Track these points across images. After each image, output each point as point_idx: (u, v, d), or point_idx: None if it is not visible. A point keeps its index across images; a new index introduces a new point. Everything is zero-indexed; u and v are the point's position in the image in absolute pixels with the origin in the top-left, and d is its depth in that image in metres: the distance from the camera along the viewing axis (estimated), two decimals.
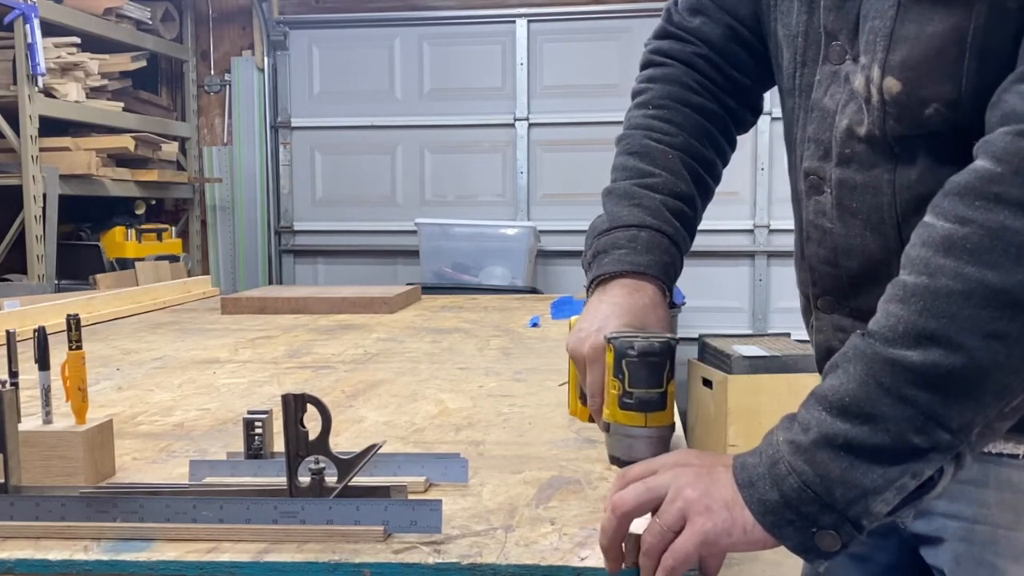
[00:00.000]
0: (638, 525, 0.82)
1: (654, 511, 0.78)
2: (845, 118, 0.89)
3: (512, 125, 5.23)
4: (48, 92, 4.09)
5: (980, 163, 0.70)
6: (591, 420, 1.03)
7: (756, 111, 1.23)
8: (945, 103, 0.80)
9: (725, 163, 1.22)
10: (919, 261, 0.72)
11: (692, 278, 4.52)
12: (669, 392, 0.91)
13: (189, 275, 4.70)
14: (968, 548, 0.92)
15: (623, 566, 0.80)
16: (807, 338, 1.09)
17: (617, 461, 0.95)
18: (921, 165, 0.84)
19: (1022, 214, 0.67)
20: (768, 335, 4.92)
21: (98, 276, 4.27)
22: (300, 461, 0.96)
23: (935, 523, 0.96)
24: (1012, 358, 0.68)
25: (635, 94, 1.24)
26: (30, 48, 3.84)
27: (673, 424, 0.94)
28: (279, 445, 1.02)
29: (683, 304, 4.79)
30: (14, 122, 3.94)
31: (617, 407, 0.92)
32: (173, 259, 4.89)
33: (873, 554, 1.10)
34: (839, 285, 0.97)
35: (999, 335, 0.68)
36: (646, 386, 0.90)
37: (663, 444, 0.92)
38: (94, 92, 4.50)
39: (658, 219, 1.08)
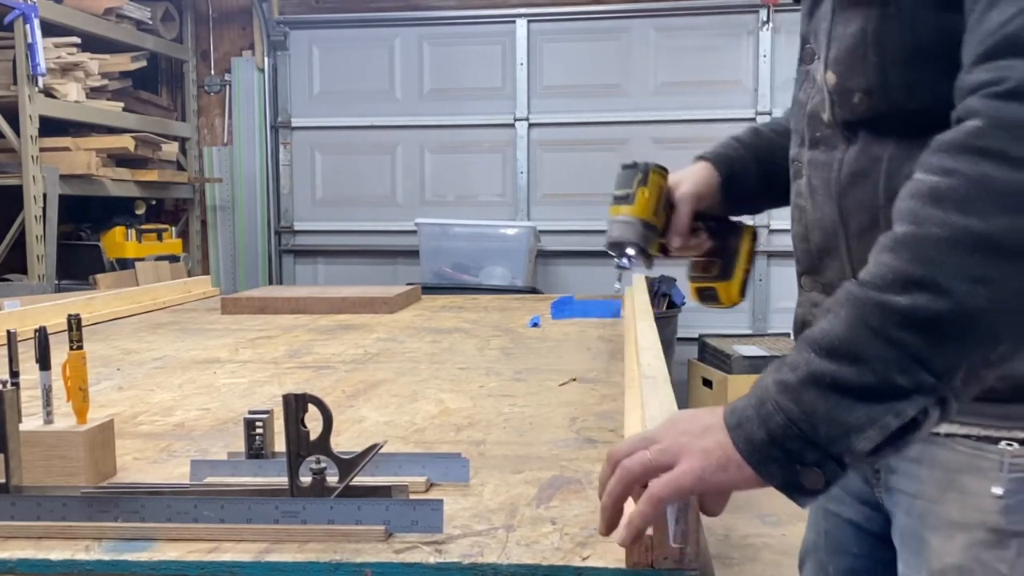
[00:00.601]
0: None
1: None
2: (813, 107, 1.03)
3: (512, 125, 5.23)
4: (48, 92, 4.10)
5: (966, 123, 0.75)
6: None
7: None
8: (863, 92, 0.94)
9: None
10: (907, 212, 0.76)
11: None
12: (638, 193, 1.21)
13: (189, 275, 4.71)
14: (908, 522, 1.00)
15: (617, 541, 0.82)
16: None
17: (609, 245, 1.24)
18: (858, 145, 0.97)
19: (1004, 165, 0.71)
20: (768, 335, 4.92)
21: (98, 276, 4.27)
22: (301, 461, 0.96)
23: (893, 498, 1.03)
24: (996, 303, 0.71)
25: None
26: (30, 48, 3.84)
27: (641, 218, 1.21)
28: (280, 445, 1.02)
29: (683, 304, 4.79)
30: (14, 122, 3.94)
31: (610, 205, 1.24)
32: (173, 259, 4.89)
33: (866, 523, 1.14)
34: (811, 261, 1.07)
35: (984, 280, 0.70)
36: (619, 187, 1.24)
37: (630, 228, 1.21)
38: (94, 92, 4.50)
39: (737, 138, 1.32)
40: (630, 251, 1.21)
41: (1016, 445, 0.91)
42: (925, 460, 0.97)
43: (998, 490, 0.91)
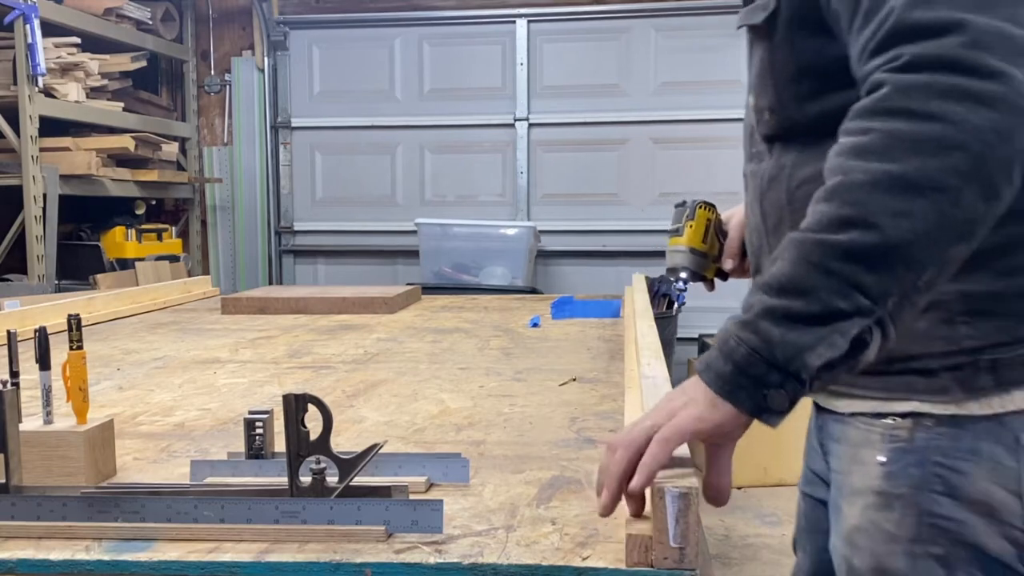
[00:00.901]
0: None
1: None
2: (749, 126, 1.18)
3: (512, 125, 5.23)
4: (48, 92, 4.09)
5: (875, 92, 0.88)
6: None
7: None
8: (768, 109, 1.09)
9: None
10: (836, 167, 0.88)
11: None
12: (686, 226, 1.36)
13: (189, 275, 4.71)
14: (833, 493, 1.13)
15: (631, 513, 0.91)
16: None
17: (667, 271, 1.40)
18: (774, 155, 1.12)
19: (910, 119, 0.84)
20: None
21: (98, 276, 4.27)
22: (301, 461, 0.96)
23: (830, 476, 1.15)
24: (917, 233, 0.84)
25: None
26: (30, 48, 3.84)
27: (692, 247, 1.36)
28: (280, 445, 1.02)
29: (683, 305, 4.78)
30: (14, 122, 3.94)
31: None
32: (173, 259, 4.89)
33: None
34: (756, 262, 1.20)
35: (904, 214, 0.84)
36: (673, 223, 1.38)
37: (681, 256, 1.37)
38: (94, 92, 4.50)
39: None
40: (683, 275, 1.39)
41: (898, 419, 1.03)
42: (842, 439, 1.10)
43: (882, 458, 1.04)
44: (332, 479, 0.96)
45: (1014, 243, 0.97)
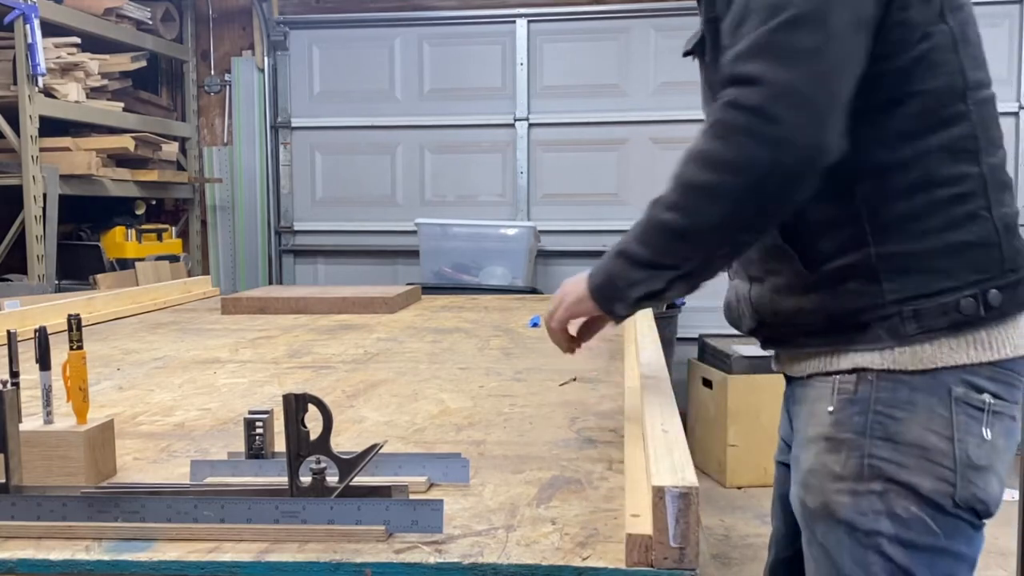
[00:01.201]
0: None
1: None
2: None
3: (512, 125, 5.23)
4: (48, 92, 4.09)
5: (710, 118, 1.15)
6: None
7: None
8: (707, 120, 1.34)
9: None
10: (680, 162, 1.18)
11: None
12: None
13: (189, 275, 4.71)
14: (793, 447, 1.31)
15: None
16: None
17: None
18: None
19: (719, 144, 1.12)
20: None
21: (98, 276, 4.27)
22: (301, 461, 0.96)
23: (794, 436, 1.33)
24: (712, 225, 1.14)
25: None
26: (30, 48, 3.84)
27: None
28: (280, 445, 1.02)
29: (683, 304, 4.79)
30: (14, 122, 3.94)
31: None
32: (173, 259, 4.89)
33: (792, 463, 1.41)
34: None
35: (704, 210, 1.14)
36: None
37: None
38: (94, 92, 4.50)
39: None
40: None
41: (845, 375, 1.21)
42: (803, 400, 1.28)
43: (831, 408, 1.22)
44: (332, 479, 0.96)
45: (923, 211, 1.16)
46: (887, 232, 1.17)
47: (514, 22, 5.18)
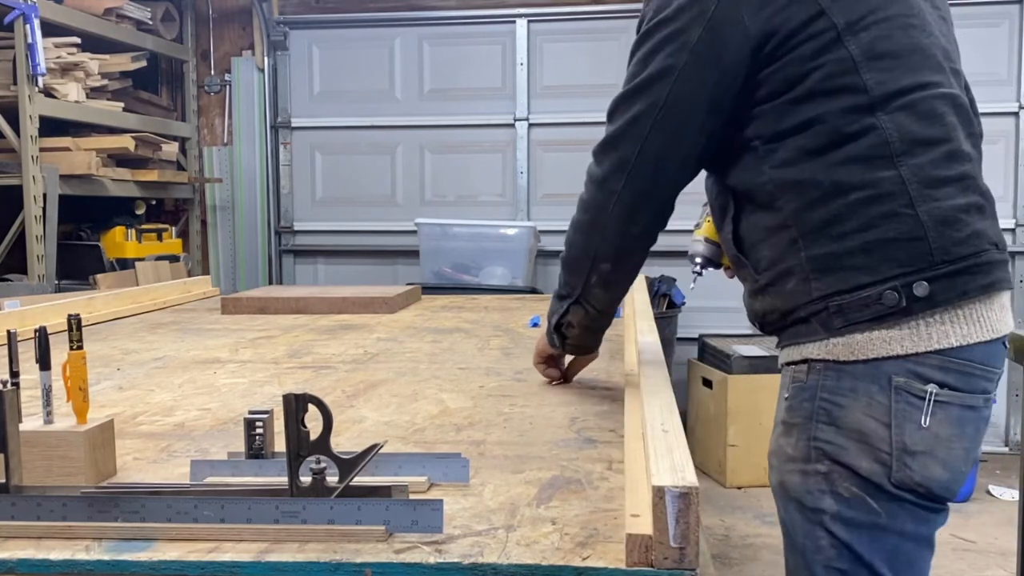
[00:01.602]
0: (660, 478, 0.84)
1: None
2: None
3: (512, 125, 5.23)
4: (48, 92, 4.09)
5: None
6: None
7: None
8: None
9: None
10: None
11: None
12: (704, 220, 1.61)
13: (189, 275, 4.71)
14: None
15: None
16: None
17: (688, 257, 1.64)
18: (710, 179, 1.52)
19: (586, 188, 1.42)
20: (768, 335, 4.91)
21: (98, 276, 4.27)
22: (301, 461, 0.96)
23: None
24: (577, 256, 1.47)
25: None
26: (30, 48, 3.84)
27: (707, 238, 1.60)
28: (280, 445, 1.02)
29: (683, 304, 4.79)
30: (14, 122, 3.94)
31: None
32: (173, 259, 4.89)
33: None
34: None
35: (575, 243, 1.47)
36: (698, 218, 1.63)
37: (698, 245, 1.62)
38: (94, 92, 4.50)
39: None
40: (698, 260, 1.62)
41: (798, 364, 1.32)
42: (780, 387, 1.39)
43: (787, 394, 1.34)
44: (332, 479, 0.96)
45: (841, 215, 1.24)
46: (813, 237, 1.27)
47: (514, 22, 5.18)
